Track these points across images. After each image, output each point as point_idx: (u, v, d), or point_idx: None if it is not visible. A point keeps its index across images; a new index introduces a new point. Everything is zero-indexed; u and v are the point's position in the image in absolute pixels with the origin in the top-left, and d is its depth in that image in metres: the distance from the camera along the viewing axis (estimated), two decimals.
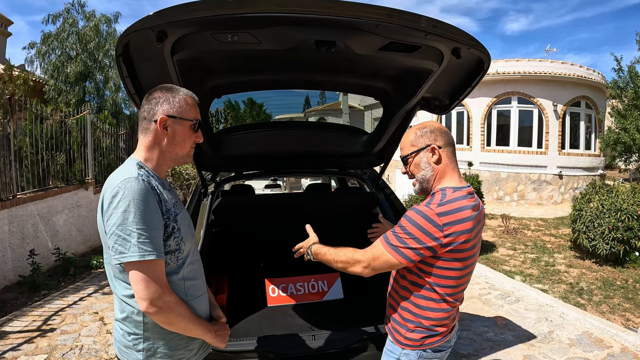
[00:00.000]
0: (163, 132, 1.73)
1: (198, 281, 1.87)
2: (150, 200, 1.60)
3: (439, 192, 1.91)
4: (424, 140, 1.97)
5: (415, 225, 1.82)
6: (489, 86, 16.06)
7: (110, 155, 10.69)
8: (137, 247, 1.54)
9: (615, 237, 7.50)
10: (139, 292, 1.56)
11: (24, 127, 7.50)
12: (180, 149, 1.80)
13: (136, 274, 1.56)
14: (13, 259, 6.66)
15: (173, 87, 1.77)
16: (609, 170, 21.28)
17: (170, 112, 1.72)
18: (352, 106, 14.09)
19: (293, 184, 20.55)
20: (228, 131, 3.80)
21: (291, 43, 2.17)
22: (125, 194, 1.55)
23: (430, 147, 1.95)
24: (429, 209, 1.83)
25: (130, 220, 1.53)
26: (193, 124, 1.78)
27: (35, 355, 4.34)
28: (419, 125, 2.05)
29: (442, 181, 1.98)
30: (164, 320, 1.63)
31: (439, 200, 1.86)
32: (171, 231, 1.70)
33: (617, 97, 15.28)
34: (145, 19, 1.81)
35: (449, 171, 1.99)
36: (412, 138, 2.01)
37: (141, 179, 1.61)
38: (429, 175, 1.98)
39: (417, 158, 1.99)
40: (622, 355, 4.40)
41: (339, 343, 2.80)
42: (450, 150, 1.99)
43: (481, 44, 2.21)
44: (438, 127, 2.00)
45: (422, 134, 1.98)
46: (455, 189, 1.92)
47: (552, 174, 15.72)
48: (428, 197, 1.94)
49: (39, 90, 14.06)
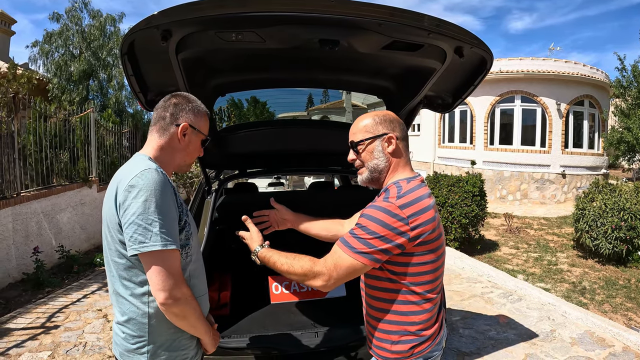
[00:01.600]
0: (181, 139, 1.78)
1: (200, 280, 1.88)
2: (169, 192, 1.62)
3: (392, 186, 1.78)
4: (381, 128, 1.86)
5: (378, 222, 1.67)
6: (492, 85, 16.04)
7: (113, 154, 10.73)
8: (159, 237, 1.53)
9: (618, 236, 7.50)
10: (158, 284, 1.55)
11: (28, 125, 7.53)
12: (189, 158, 1.88)
13: (155, 264, 1.55)
14: (17, 256, 6.70)
15: (196, 100, 1.86)
16: (612, 169, 21.25)
17: (192, 122, 1.79)
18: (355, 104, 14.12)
19: (296, 182, 20.55)
20: (231, 129, 3.81)
21: (295, 42, 2.18)
22: (146, 184, 1.55)
23: (387, 135, 1.85)
24: (389, 203, 1.70)
25: (152, 209, 1.53)
26: (205, 139, 1.88)
27: (39, 352, 4.36)
28: (376, 112, 1.94)
29: (395, 174, 1.87)
30: (178, 312, 1.61)
31: (396, 193, 1.73)
32: (183, 225, 1.72)
33: (620, 96, 15.27)
34: (150, 17, 1.82)
35: (402, 164, 1.89)
36: (367, 123, 1.89)
37: (160, 170, 1.63)
38: (383, 166, 1.86)
39: (371, 146, 1.87)
40: (624, 355, 4.40)
41: (342, 340, 2.82)
42: (405, 144, 1.91)
43: (484, 43, 2.21)
44: (396, 118, 1.92)
45: (381, 121, 1.87)
46: (409, 180, 1.82)
47: (555, 173, 15.70)
48: (382, 194, 1.81)
49: (43, 89, 14.09)
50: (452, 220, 9.06)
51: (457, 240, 9.17)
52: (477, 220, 9.37)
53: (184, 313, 1.64)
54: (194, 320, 1.70)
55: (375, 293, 1.87)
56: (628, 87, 14.84)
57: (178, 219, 1.68)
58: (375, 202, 1.76)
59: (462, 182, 9.46)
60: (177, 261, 1.60)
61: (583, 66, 16.37)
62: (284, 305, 3.47)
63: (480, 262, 7.96)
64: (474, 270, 7.42)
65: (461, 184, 9.39)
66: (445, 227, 9.12)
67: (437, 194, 9.45)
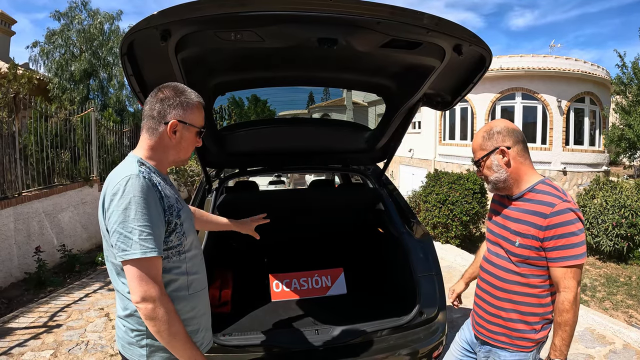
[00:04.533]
0: (171, 136, 1.74)
1: (200, 275, 1.88)
2: (151, 198, 1.61)
3: (554, 192, 1.95)
4: (492, 142, 2.01)
5: (580, 222, 1.89)
6: (492, 82, 16.02)
7: (114, 153, 10.75)
8: (138, 245, 1.54)
9: (619, 233, 7.50)
10: (134, 288, 1.56)
11: (29, 125, 7.53)
12: (183, 154, 1.83)
13: (134, 270, 1.56)
14: (19, 256, 6.72)
15: (185, 90, 1.77)
16: (613, 166, 21.22)
17: (182, 118, 1.73)
18: (356, 102, 14.10)
19: (297, 180, 20.56)
20: (232, 128, 3.82)
21: (293, 41, 2.18)
22: (126, 192, 1.56)
23: (499, 149, 2.00)
24: (569, 203, 1.90)
25: (132, 217, 1.54)
26: (199, 131, 1.81)
27: (41, 350, 4.38)
28: (485, 127, 2.09)
29: (524, 178, 2.03)
30: (152, 316, 1.57)
31: (562, 192, 1.96)
32: (173, 227, 1.71)
33: (621, 93, 15.25)
34: (149, 18, 1.83)
35: (523, 169, 2.03)
36: (480, 142, 2.05)
37: (142, 176, 1.61)
38: (504, 177, 2.02)
39: (488, 161, 2.04)
40: (624, 352, 4.41)
41: (342, 338, 2.82)
42: (520, 147, 2.03)
43: (482, 41, 2.22)
44: (505, 127, 2.03)
45: (489, 136, 2.02)
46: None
47: (556, 170, 15.69)
48: (552, 193, 1.94)
49: (43, 89, 14.11)
50: (452, 218, 9.06)
51: (457, 238, 9.18)
52: (478, 218, 9.38)
53: (156, 318, 1.58)
54: (166, 332, 1.60)
55: (514, 287, 2.02)
56: (629, 84, 14.82)
57: (166, 223, 1.68)
58: (561, 204, 1.88)
59: (463, 179, 9.47)
60: (155, 268, 1.59)
61: (584, 63, 16.33)
62: (284, 303, 3.48)
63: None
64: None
65: (462, 182, 9.39)
66: (446, 224, 9.13)
67: (437, 192, 9.46)
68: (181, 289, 1.76)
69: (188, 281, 1.79)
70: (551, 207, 1.88)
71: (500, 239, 2.10)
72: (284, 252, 4.06)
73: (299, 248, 4.15)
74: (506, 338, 2.08)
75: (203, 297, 1.90)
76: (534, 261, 1.94)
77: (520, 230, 1.97)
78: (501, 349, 2.11)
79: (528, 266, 1.97)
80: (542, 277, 1.96)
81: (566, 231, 1.84)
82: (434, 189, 9.69)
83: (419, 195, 10.59)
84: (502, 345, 2.10)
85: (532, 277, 1.97)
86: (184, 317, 1.77)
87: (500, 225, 2.12)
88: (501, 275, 2.08)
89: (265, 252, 4.15)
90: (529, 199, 1.99)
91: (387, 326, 2.89)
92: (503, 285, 2.07)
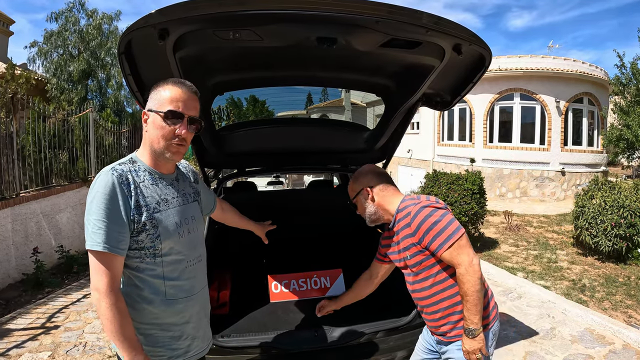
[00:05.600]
0: (145, 127, 1.78)
1: (181, 282, 1.82)
2: (114, 194, 1.64)
3: (409, 203, 2.23)
4: (359, 185, 2.39)
5: (438, 209, 2.15)
6: (491, 82, 16.03)
7: (113, 153, 10.72)
8: (90, 237, 1.60)
9: (618, 233, 7.49)
10: (90, 276, 1.64)
11: (27, 125, 7.52)
12: (156, 143, 1.75)
13: (90, 259, 1.63)
14: (17, 257, 6.69)
15: (167, 80, 1.80)
16: (612, 166, 21.23)
17: (151, 106, 1.75)
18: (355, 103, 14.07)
19: (296, 181, 20.56)
20: (230, 128, 3.81)
21: (292, 40, 2.18)
22: (95, 187, 1.64)
23: (364, 189, 2.36)
24: (432, 203, 2.19)
25: (92, 210, 1.61)
26: (163, 115, 1.71)
27: (39, 352, 4.36)
28: (355, 172, 2.47)
29: (390, 206, 2.32)
30: (96, 305, 1.64)
31: (416, 198, 2.26)
32: (142, 227, 1.69)
33: (619, 94, 15.25)
34: (147, 16, 1.81)
35: (387, 199, 2.34)
36: (350, 185, 2.44)
37: (113, 172, 1.67)
38: (373, 210, 2.36)
39: (358, 202, 2.42)
40: (624, 352, 4.40)
41: (341, 339, 2.82)
42: (382, 183, 2.36)
43: (482, 40, 2.21)
44: (369, 170, 2.43)
45: (356, 179, 2.41)
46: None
47: (555, 170, 15.69)
48: (408, 205, 2.21)
49: (42, 89, 14.09)
50: None
51: None
52: (477, 218, 9.36)
53: (99, 310, 1.62)
54: (108, 327, 1.61)
55: (435, 288, 2.22)
56: (627, 85, 14.81)
57: (131, 221, 1.68)
58: (420, 208, 2.15)
59: (462, 180, 9.45)
60: (104, 261, 1.62)
61: (582, 64, 16.35)
62: (283, 304, 3.47)
63: (479, 260, 7.94)
64: None
65: (460, 182, 9.38)
66: None
67: (436, 192, 9.44)
68: (156, 292, 1.74)
69: (165, 286, 1.76)
70: (409, 215, 2.16)
71: (401, 262, 2.35)
72: (283, 253, 4.05)
73: (297, 249, 4.14)
74: (447, 333, 2.24)
75: (192, 305, 1.86)
76: (428, 261, 2.17)
77: (404, 246, 2.24)
78: (447, 343, 2.26)
79: (427, 268, 2.19)
80: (443, 270, 2.16)
81: (429, 224, 2.08)
82: (432, 189, 9.67)
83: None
84: (448, 340, 2.25)
85: (436, 274, 2.18)
86: (164, 321, 1.77)
87: (395, 252, 2.37)
88: (418, 289, 2.28)
89: (264, 252, 4.14)
90: (398, 220, 2.26)
91: (386, 327, 2.88)
92: (422, 295, 2.26)
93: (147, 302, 1.72)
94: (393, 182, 2.42)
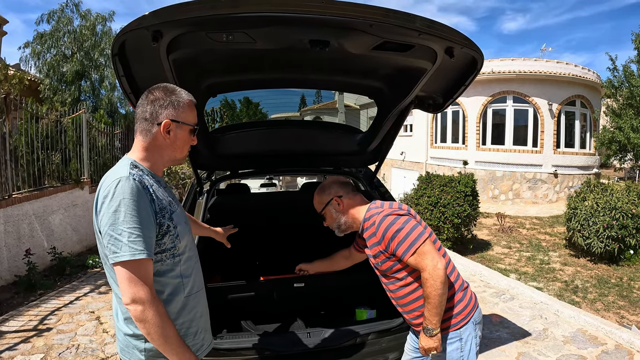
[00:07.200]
0: (165, 136, 1.74)
1: (194, 277, 1.87)
2: (141, 200, 1.61)
3: (373, 212, 2.30)
4: (327, 196, 2.44)
5: (400, 217, 2.21)
6: (484, 85, 16.11)
7: (106, 155, 10.68)
8: (127, 247, 1.54)
9: (610, 235, 7.55)
10: (124, 290, 1.56)
11: (20, 126, 7.48)
12: (179, 153, 1.83)
13: (124, 272, 1.56)
14: (9, 258, 6.66)
15: (175, 90, 1.78)
16: (604, 168, 21.37)
17: (174, 117, 1.73)
18: (348, 105, 14.05)
19: (289, 183, 20.55)
20: (223, 130, 3.80)
21: (285, 42, 2.18)
22: (116, 194, 1.56)
23: (334, 199, 2.42)
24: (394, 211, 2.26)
25: (121, 219, 1.54)
26: (192, 128, 1.81)
27: (31, 354, 4.34)
28: (320, 185, 2.55)
29: (357, 215, 2.39)
30: (141, 318, 1.57)
31: (380, 206, 2.33)
32: (166, 229, 1.70)
33: (612, 96, 15.36)
34: (140, 18, 1.82)
35: (355, 207, 2.41)
36: (317, 198, 2.50)
37: (132, 178, 1.61)
38: (343, 219, 2.43)
39: (327, 212, 2.47)
40: (616, 352, 4.43)
41: (335, 341, 2.82)
42: (349, 192, 2.44)
43: (474, 44, 2.23)
44: (334, 181, 2.49)
45: (323, 191, 2.47)
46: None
47: (547, 172, 15.79)
48: (372, 215, 2.29)
49: (35, 90, 14.00)
50: (444, 220, 9.08)
51: (449, 240, 9.20)
52: (470, 220, 9.40)
53: (146, 320, 1.58)
54: (155, 330, 1.59)
55: (406, 289, 2.30)
56: (619, 87, 14.92)
57: (158, 225, 1.67)
58: (383, 216, 2.22)
59: (455, 182, 9.49)
60: (144, 269, 1.59)
61: (575, 66, 16.47)
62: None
63: (472, 262, 7.99)
64: (466, 269, 7.44)
65: (453, 184, 9.42)
66: (438, 227, 9.15)
67: (429, 194, 9.48)
68: (177, 291, 1.76)
69: (183, 283, 1.78)
70: (374, 224, 2.23)
71: (374, 266, 2.41)
72: (276, 255, 4.05)
73: (290, 251, 4.14)
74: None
75: (200, 299, 1.90)
76: (397, 266, 2.24)
77: (373, 253, 2.32)
78: None
79: (397, 272, 2.26)
80: (412, 273, 2.22)
81: (393, 231, 2.14)
82: (425, 191, 9.71)
83: (410, 198, 10.59)
84: None
85: (406, 277, 2.25)
86: (183, 320, 1.78)
87: (370, 256, 2.41)
88: (392, 289, 2.35)
89: (257, 254, 4.13)
90: (365, 228, 2.33)
91: (380, 328, 2.89)
92: (397, 295, 2.34)
93: (166, 304, 1.71)
94: (357, 191, 2.52)
